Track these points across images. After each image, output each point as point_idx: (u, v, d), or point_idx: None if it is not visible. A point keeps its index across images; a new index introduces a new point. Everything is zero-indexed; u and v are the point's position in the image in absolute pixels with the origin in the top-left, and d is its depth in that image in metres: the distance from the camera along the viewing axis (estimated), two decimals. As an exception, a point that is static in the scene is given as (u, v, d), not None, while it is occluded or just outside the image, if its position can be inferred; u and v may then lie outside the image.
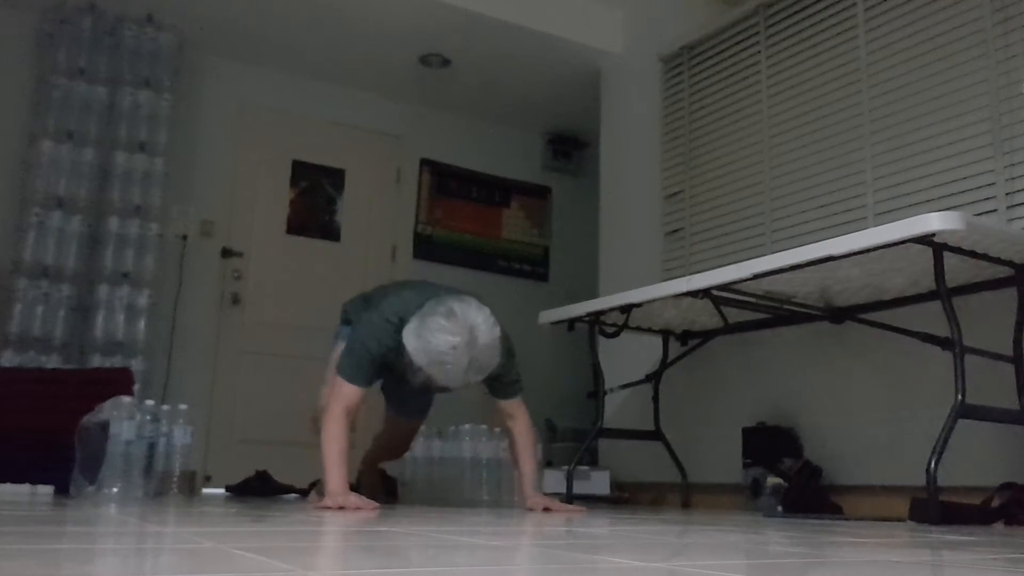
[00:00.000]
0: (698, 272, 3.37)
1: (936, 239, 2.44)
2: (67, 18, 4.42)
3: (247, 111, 5.14)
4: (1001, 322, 2.74)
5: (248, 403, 4.86)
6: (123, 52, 4.52)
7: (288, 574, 0.81)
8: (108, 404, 2.90)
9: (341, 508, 2.38)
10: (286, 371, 4.98)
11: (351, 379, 2.62)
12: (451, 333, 2.46)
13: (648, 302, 3.31)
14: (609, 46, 4.78)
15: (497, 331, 2.55)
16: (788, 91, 3.75)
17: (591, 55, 4.83)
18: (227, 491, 3.83)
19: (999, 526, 2.37)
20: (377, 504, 2.50)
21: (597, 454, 4.26)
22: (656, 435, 3.82)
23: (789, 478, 3.07)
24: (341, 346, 2.83)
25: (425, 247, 5.56)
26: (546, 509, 2.67)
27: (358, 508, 2.38)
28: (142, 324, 4.35)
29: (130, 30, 4.54)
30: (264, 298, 5.02)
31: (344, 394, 2.61)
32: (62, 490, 2.95)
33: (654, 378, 3.86)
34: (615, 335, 3.63)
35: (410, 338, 2.50)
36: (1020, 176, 2.87)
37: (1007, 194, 2.89)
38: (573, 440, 4.67)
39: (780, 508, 3.00)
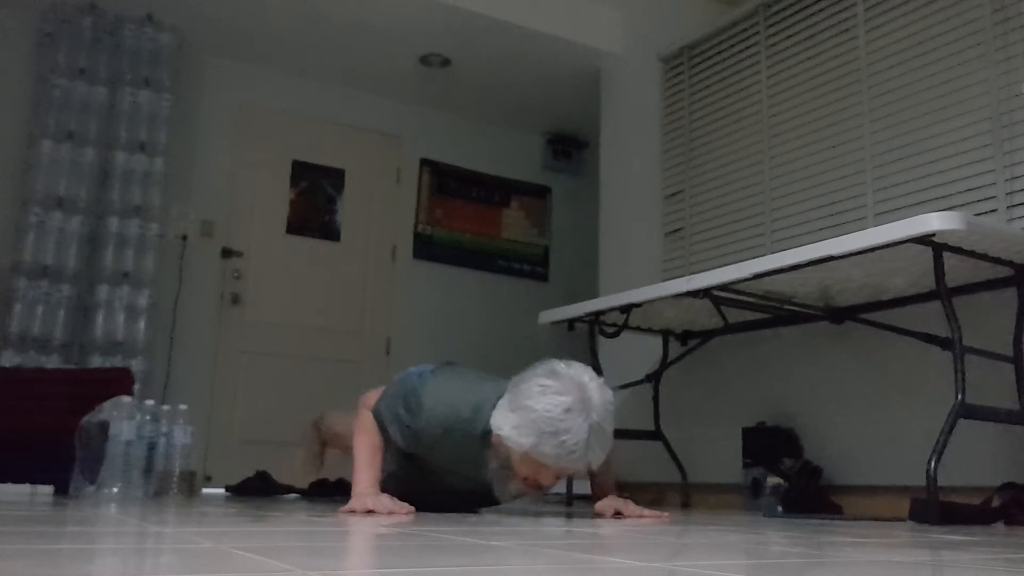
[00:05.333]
0: (698, 272, 3.38)
1: (936, 239, 2.44)
2: (67, 18, 4.42)
3: (247, 111, 5.14)
4: (1001, 322, 2.74)
5: (248, 403, 4.86)
6: (123, 52, 4.52)
7: (288, 574, 0.81)
8: (108, 404, 2.90)
9: (370, 512, 2.08)
10: (286, 371, 4.98)
11: (378, 410, 2.27)
12: (559, 392, 1.96)
13: (648, 302, 3.31)
14: (609, 46, 4.78)
15: (608, 390, 2.05)
16: (788, 91, 3.75)
17: (591, 55, 4.82)
18: (227, 491, 3.83)
19: (999, 526, 2.37)
20: (411, 508, 2.14)
21: (597, 454, 4.25)
22: (656, 435, 3.82)
23: (789, 478, 3.07)
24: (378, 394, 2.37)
25: (425, 247, 5.56)
26: (617, 514, 2.34)
27: (390, 512, 2.07)
28: (142, 324, 4.35)
29: (130, 30, 4.54)
30: (264, 298, 5.02)
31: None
32: (62, 490, 2.95)
33: (654, 378, 3.86)
34: (615, 335, 3.62)
35: (503, 420, 2.00)
36: (1020, 176, 2.87)
37: (1007, 194, 2.89)
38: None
39: (780, 508, 3.00)
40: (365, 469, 2.21)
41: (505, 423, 2.00)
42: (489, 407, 2.10)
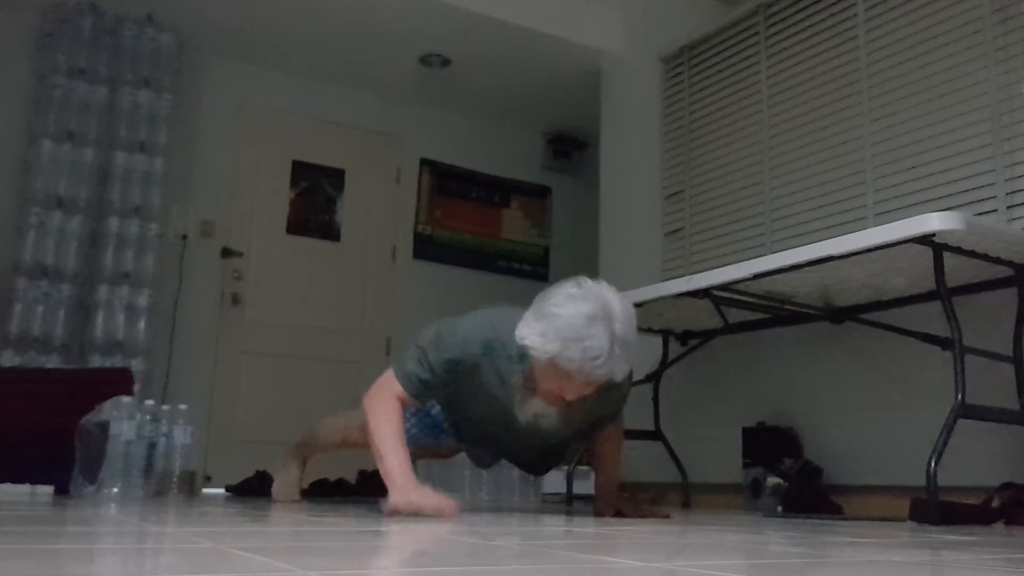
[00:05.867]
0: (698, 272, 3.37)
1: (936, 239, 2.44)
2: (67, 18, 4.42)
3: (247, 111, 5.14)
4: (1001, 322, 2.74)
5: (248, 403, 4.86)
6: (123, 52, 4.52)
7: (288, 574, 0.81)
8: (108, 404, 2.90)
9: (416, 512, 1.92)
10: (286, 371, 4.98)
11: (402, 377, 2.17)
12: (582, 300, 1.95)
13: (648, 302, 3.31)
14: (609, 46, 4.78)
15: (631, 306, 2.04)
16: (788, 91, 3.75)
17: (591, 55, 4.83)
18: (227, 491, 3.83)
19: (999, 526, 2.37)
20: (457, 506, 1.99)
21: (597, 454, 4.25)
22: (656, 435, 3.82)
23: (789, 478, 3.07)
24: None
25: (425, 247, 5.57)
26: (619, 513, 2.32)
27: (437, 510, 1.93)
28: (142, 324, 4.35)
29: (130, 30, 4.54)
30: (264, 298, 5.02)
31: (390, 386, 2.16)
32: (62, 490, 2.95)
33: (654, 378, 3.86)
34: (615, 335, 3.61)
35: (528, 328, 1.98)
36: (1020, 176, 2.87)
37: (1007, 194, 2.89)
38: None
39: (780, 508, 3.00)
40: (393, 455, 2.04)
41: (531, 331, 1.97)
42: (506, 331, 2.08)
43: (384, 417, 2.11)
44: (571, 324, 1.92)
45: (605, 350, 1.92)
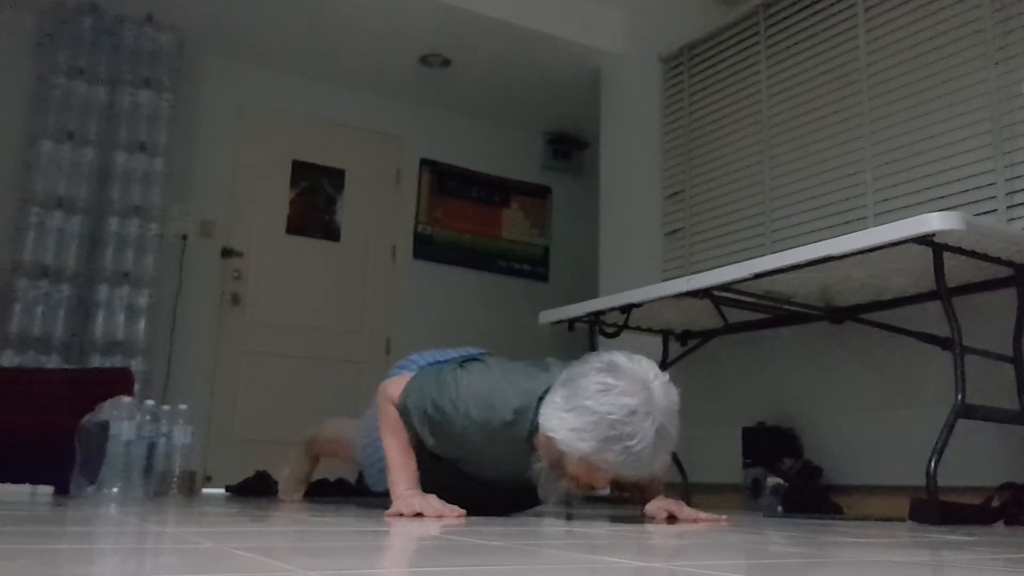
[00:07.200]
0: (698, 272, 3.37)
1: (936, 239, 2.44)
2: (67, 18, 4.42)
3: (247, 111, 5.14)
4: (1001, 322, 2.74)
5: (248, 403, 4.87)
6: (123, 52, 4.52)
7: (288, 574, 0.81)
8: (108, 404, 2.91)
9: (418, 515, 1.90)
10: (286, 371, 4.99)
11: (402, 407, 2.07)
12: (623, 393, 1.73)
13: (648, 302, 3.31)
14: (609, 46, 4.78)
15: (674, 389, 1.81)
16: (788, 91, 3.75)
17: (591, 55, 4.83)
18: (227, 491, 3.83)
19: (999, 526, 2.37)
20: (462, 510, 1.95)
21: (597, 454, 4.25)
22: (656, 435, 3.81)
23: (789, 478, 3.07)
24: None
25: (425, 247, 5.57)
26: (671, 518, 2.13)
27: (440, 515, 1.91)
28: (142, 324, 4.36)
29: (130, 30, 4.55)
30: (264, 298, 5.03)
31: (394, 394, 2.09)
32: (62, 490, 2.96)
33: (654, 378, 3.86)
34: (615, 335, 3.62)
35: (558, 420, 1.78)
36: (1020, 176, 2.87)
37: (1007, 194, 2.89)
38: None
39: (780, 508, 3.00)
40: (401, 470, 2.03)
41: (561, 425, 1.78)
42: (533, 407, 1.90)
43: (394, 438, 2.07)
44: (610, 421, 1.71)
45: (648, 449, 1.72)
